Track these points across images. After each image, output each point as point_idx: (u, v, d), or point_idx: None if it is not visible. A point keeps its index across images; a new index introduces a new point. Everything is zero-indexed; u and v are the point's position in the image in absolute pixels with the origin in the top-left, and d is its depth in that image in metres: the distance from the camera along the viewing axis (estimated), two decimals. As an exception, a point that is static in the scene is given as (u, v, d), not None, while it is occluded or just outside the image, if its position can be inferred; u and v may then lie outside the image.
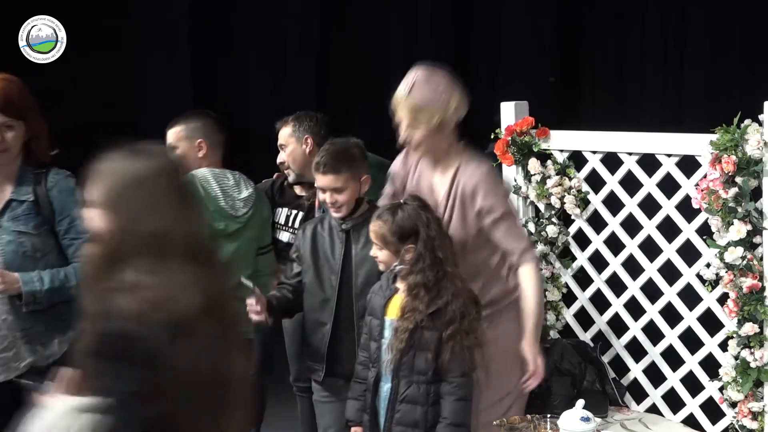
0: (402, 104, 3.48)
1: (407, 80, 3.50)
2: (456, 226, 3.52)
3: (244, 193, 4.08)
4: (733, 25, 7.12)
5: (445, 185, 3.56)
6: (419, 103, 3.45)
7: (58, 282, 3.51)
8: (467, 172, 3.52)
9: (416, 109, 3.45)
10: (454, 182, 3.53)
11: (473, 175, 3.50)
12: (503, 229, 3.50)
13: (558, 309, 4.48)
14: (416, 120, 3.46)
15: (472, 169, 3.52)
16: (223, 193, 4.02)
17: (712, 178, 3.70)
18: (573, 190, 4.35)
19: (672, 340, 4.10)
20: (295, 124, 4.46)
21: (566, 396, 4.02)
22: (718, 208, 3.68)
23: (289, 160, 4.39)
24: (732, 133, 3.65)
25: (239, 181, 4.12)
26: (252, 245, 4.11)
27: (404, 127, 3.51)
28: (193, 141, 4.13)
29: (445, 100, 3.47)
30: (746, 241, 3.66)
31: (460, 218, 3.52)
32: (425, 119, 3.45)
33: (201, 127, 4.17)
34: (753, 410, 3.70)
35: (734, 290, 3.70)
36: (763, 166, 3.64)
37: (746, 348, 3.70)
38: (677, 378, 4.10)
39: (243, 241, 4.05)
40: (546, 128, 4.38)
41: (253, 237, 4.11)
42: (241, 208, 4.04)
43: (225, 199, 4.01)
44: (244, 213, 4.04)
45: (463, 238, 3.52)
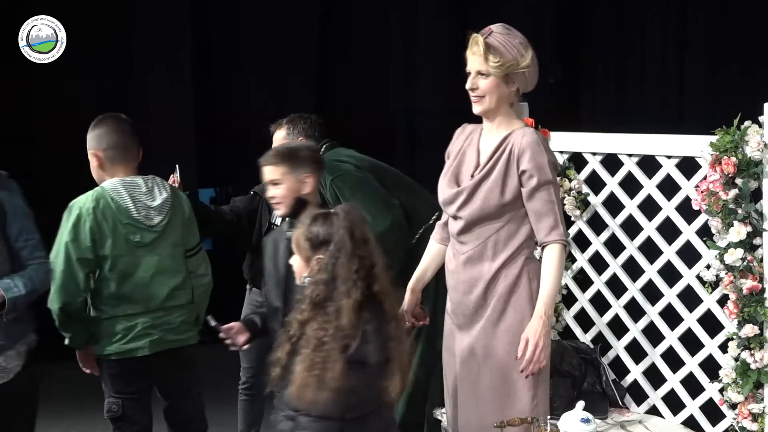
0: (477, 44, 3.42)
1: (485, 29, 3.46)
2: (489, 188, 3.43)
3: (158, 200, 3.96)
4: (733, 26, 7.13)
5: (492, 146, 3.48)
6: (494, 44, 3.40)
7: (30, 286, 3.53)
8: (519, 136, 3.44)
9: (490, 49, 3.40)
10: (504, 144, 3.45)
11: (525, 138, 3.42)
12: (541, 199, 3.41)
13: (558, 310, 4.47)
14: (487, 61, 3.40)
15: (525, 134, 3.45)
16: (135, 203, 3.90)
17: (712, 180, 3.70)
18: (573, 191, 4.36)
19: (672, 342, 4.10)
20: (290, 126, 4.47)
21: (566, 397, 4.02)
22: (718, 209, 3.68)
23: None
24: (732, 135, 3.65)
25: (152, 187, 3.98)
26: (177, 251, 4.00)
27: (474, 72, 3.45)
28: (90, 151, 3.98)
29: (520, 52, 3.42)
30: (746, 242, 3.66)
31: (500, 181, 3.43)
32: (495, 63, 3.39)
33: (95, 137, 3.97)
34: (753, 412, 3.70)
35: (734, 292, 3.69)
36: (763, 167, 3.64)
37: (746, 349, 3.70)
38: (677, 379, 4.10)
39: (165, 250, 3.96)
40: (546, 130, 4.38)
41: (177, 242, 3.99)
42: (155, 217, 3.93)
43: (137, 209, 3.90)
44: (159, 221, 3.93)
45: (493, 203, 3.43)
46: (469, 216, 3.45)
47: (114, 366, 3.91)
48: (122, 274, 3.87)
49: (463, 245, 3.49)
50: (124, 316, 3.88)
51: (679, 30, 7.33)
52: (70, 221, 3.85)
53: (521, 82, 3.46)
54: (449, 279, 3.58)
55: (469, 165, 3.52)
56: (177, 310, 3.97)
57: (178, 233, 4.00)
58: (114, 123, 4.00)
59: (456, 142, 3.62)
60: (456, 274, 3.53)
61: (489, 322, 3.45)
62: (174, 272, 3.97)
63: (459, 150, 3.57)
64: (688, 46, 7.29)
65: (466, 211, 3.45)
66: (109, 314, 3.89)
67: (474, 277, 3.46)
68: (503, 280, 3.43)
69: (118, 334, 3.89)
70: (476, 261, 3.46)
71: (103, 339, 3.91)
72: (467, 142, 3.57)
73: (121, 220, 3.86)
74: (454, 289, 3.55)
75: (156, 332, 3.91)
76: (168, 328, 3.93)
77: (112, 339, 3.89)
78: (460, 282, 3.51)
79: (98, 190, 3.92)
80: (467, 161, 3.53)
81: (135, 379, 3.93)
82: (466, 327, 3.50)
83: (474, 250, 3.46)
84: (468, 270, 3.48)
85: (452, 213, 3.51)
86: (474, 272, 3.46)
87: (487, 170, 3.44)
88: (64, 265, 3.82)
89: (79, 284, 3.83)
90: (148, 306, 3.91)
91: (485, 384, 3.45)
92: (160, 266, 3.93)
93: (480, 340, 3.46)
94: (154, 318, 3.91)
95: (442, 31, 7.44)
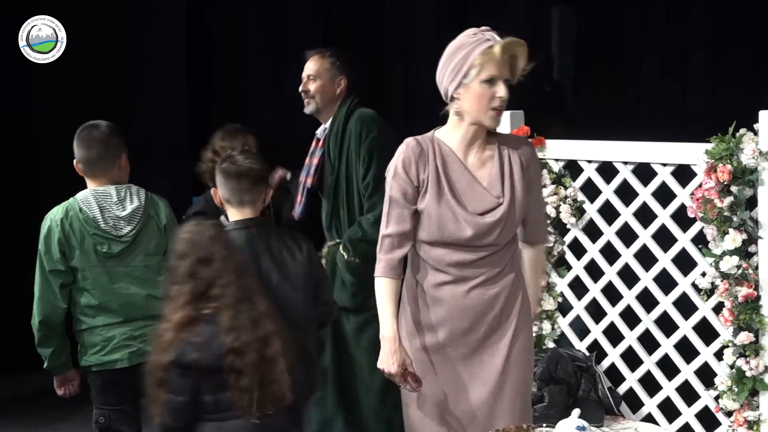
0: (518, 47, 3.21)
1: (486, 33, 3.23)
2: (520, 207, 3.29)
3: (128, 209, 3.92)
4: (730, 34, 7.14)
5: (489, 164, 3.29)
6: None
7: None
8: (516, 144, 3.32)
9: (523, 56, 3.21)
10: (506, 156, 3.29)
11: (526, 146, 3.33)
12: (540, 205, 3.42)
13: (553, 318, 4.47)
14: (517, 72, 3.23)
15: (523, 142, 3.35)
16: (103, 213, 3.88)
17: (708, 188, 3.70)
18: (568, 199, 4.36)
19: (667, 350, 4.10)
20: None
21: (562, 405, 4.02)
22: (713, 217, 3.69)
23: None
24: (727, 143, 3.66)
25: (125, 197, 3.94)
26: (152, 260, 3.94)
27: (503, 86, 3.21)
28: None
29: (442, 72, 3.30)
30: (741, 250, 3.67)
31: (522, 193, 3.29)
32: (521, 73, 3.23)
33: (74, 148, 3.97)
34: (748, 419, 3.70)
35: (729, 299, 3.70)
36: (759, 175, 3.64)
37: (742, 357, 3.70)
38: (673, 387, 4.10)
39: (137, 259, 3.92)
40: (542, 137, 4.39)
41: (151, 251, 3.94)
42: (124, 227, 3.90)
43: (104, 219, 3.88)
44: (128, 231, 3.90)
45: (520, 221, 3.34)
46: (504, 241, 3.29)
47: (97, 378, 3.92)
48: (95, 284, 3.88)
49: (479, 270, 3.28)
50: (103, 326, 3.89)
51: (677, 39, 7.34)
52: (42, 233, 3.89)
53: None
54: (448, 310, 3.31)
55: (474, 190, 3.27)
56: (157, 321, 3.93)
57: (152, 242, 3.96)
58: (84, 135, 3.98)
59: (419, 161, 3.28)
60: (461, 301, 3.29)
61: (505, 345, 3.31)
62: (149, 282, 3.91)
63: (436, 169, 3.27)
64: (684, 55, 7.30)
65: (505, 237, 3.28)
66: (88, 324, 3.90)
67: (489, 299, 3.29)
68: (516, 296, 3.34)
69: (97, 345, 3.89)
70: (491, 282, 3.29)
71: (85, 350, 3.92)
72: (440, 161, 3.28)
73: (89, 231, 3.87)
74: (459, 318, 3.30)
75: (135, 343, 3.88)
76: (148, 340, 3.75)
77: (92, 350, 3.90)
78: (468, 308, 3.28)
79: (70, 201, 3.94)
80: (464, 184, 3.27)
81: (118, 390, 3.91)
82: (475, 354, 3.33)
83: (490, 271, 3.28)
84: (479, 293, 3.28)
85: (485, 243, 3.25)
86: (488, 293, 3.28)
87: (510, 189, 3.28)
88: (41, 277, 3.87)
89: (57, 295, 3.85)
90: (125, 316, 3.89)
91: (504, 408, 3.32)
92: (133, 276, 3.91)
93: (497, 365, 3.32)
94: (134, 329, 3.90)
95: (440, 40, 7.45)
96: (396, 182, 3.30)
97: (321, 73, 4.66)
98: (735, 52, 7.08)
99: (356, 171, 4.56)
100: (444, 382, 3.35)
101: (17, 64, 4.97)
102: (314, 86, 4.66)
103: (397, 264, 3.33)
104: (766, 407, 3.69)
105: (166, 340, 3.24)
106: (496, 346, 3.32)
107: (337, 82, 4.66)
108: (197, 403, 3.25)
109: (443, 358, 3.34)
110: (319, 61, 4.68)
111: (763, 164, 3.63)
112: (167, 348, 3.22)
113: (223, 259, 3.26)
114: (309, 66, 4.69)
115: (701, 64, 7.26)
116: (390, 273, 3.33)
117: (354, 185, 4.59)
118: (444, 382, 3.35)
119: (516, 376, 3.35)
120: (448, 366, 3.34)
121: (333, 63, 4.67)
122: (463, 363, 3.34)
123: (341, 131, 4.61)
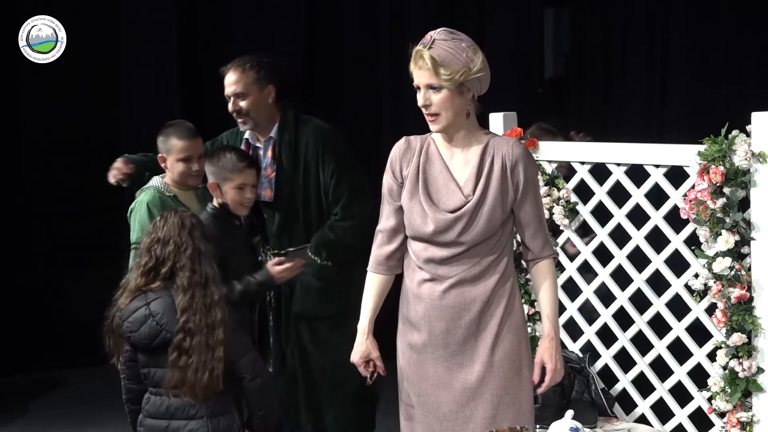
0: (422, 57, 3.15)
1: (426, 37, 3.18)
2: (492, 208, 3.25)
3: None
4: (720, 35, 7.16)
5: (474, 161, 3.27)
6: (441, 55, 3.14)
7: None
8: (504, 145, 3.27)
9: (438, 63, 3.12)
10: (489, 157, 3.26)
11: (515, 148, 3.26)
12: (533, 212, 3.30)
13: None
14: (438, 75, 3.14)
15: (512, 143, 3.28)
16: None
17: (700, 189, 3.71)
18: (561, 200, 4.36)
19: (660, 351, 4.10)
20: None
21: (555, 406, 4.02)
22: (706, 218, 3.69)
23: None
24: (720, 144, 3.66)
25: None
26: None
27: (424, 88, 3.20)
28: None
29: (469, 56, 3.17)
30: (734, 251, 3.67)
31: (499, 198, 3.25)
32: (447, 76, 3.14)
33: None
34: (741, 420, 3.71)
35: (722, 300, 3.70)
36: (751, 176, 3.65)
37: (734, 358, 3.70)
38: (666, 388, 4.11)
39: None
40: (534, 139, 4.39)
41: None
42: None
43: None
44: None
45: (496, 223, 3.27)
46: (473, 240, 3.26)
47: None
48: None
49: (452, 269, 3.28)
50: None
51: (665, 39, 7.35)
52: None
53: (475, 88, 3.25)
54: (425, 309, 3.33)
55: (447, 187, 3.29)
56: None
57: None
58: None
59: (403, 159, 3.34)
60: (438, 301, 3.30)
61: (485, 349, 3.30)
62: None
63: (417, 166, 3.32)
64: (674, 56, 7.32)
65: (469, 236, 3.26)
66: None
67: (465, 301, 3.29)
68: (498, 301, 3.31)
69: None
70: (469, 283, 3.28)
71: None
72: (423, 159, 3.32)
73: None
74: (436, 318, 3.31)
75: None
76: None
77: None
78: (444, 308, 3.30)
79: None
80: (441, 183, 3.30)
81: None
82: (455, 357, 3.32)
83: (466, 272, 3.29)
84: (456, 294, 3.29)
85: (449, 240, 3.26)
86: (466, 295, 3.29)
87: (483, 188, 3.25)
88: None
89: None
90: None
91: (480, 415, 3.31)
92: None
93: (476, 370, 3.30)
94: None
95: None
96: (385, 179, 3.39)
97: (248, 87, 4.45)
98: (727, 53, 7.10)
99: (317, 181, 4.53)
100: (427, 383, 3.36)
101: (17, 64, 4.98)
102: (246, 103, 4.45)
103: (384, 259, 3.41)
104: (759, 408, 3.70)
105: (116, 303, 3.66)
106: (476, 351, 3.32)
107: (267, 92, 4.48)
108: (135, 369, 3.68)
109: (426, 357, 3.36)
110: (242, 75, 4.44)
111: (755, 166, 3.64)
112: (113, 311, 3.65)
113: (180, 244, 3.61)
114: (231, 81, 4.45)
115: (692, 65, 7.28)
116: (376, 268, 3.43)
117: (312, 195, 4.56)
118: (428, 381, 3.36)
119: (498, 384, 3.32)
120: (432, 366, 3.35)
121: (258, 73, 4.45)
122: (444, 364, 3.34)
123: (294, 141, 4.53)
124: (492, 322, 3.31)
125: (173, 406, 3.61)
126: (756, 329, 3.67)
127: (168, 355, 3.56)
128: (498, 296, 3.31)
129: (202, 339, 3.54)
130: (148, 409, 3.67)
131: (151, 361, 3.63)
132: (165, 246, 3.61)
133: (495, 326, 3.31)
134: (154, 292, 3.62)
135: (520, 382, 3.38)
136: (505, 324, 3.32)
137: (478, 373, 3.31)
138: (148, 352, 3.62)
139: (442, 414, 3.36)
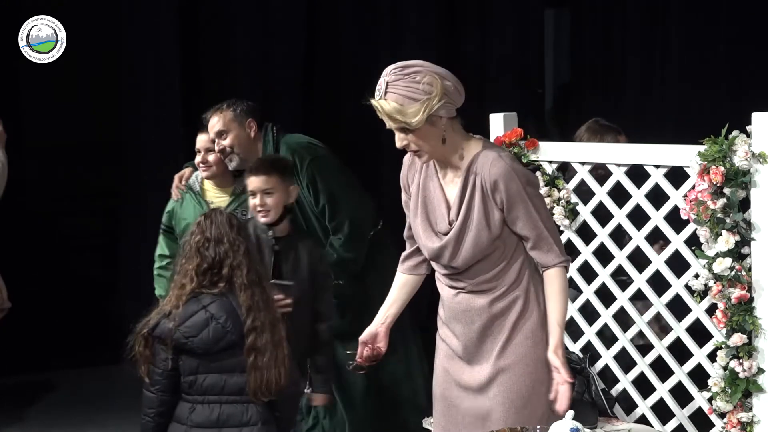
0: (382, 109, 3.13)
1: (379, 84, 3.15)
2: (477, 232, 3.22)
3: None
4: (720, 35, 7.16)
5: (457, 184, 3.25)
6: (399, 100, 3.09)
7: None
8: (483, 165, 3.21)
9: (398, 109, 3.09)
10: (470, 178, 3.22)
11: (493, 168, 3.18)
12: (528, 224, 3.23)
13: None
14: (403, 120, 3.11)
15: (490, 162, 3.19)
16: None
17: (701, 189, 3.70)
18: (562, 201, 4.36)
19: (661, 351, 4.10)
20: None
21: (555, 407, 4.01)
22: (706, 218, 3.69)
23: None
24: (720, 144, 3.66)
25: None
26: None
27: (396, 131, 3.18)
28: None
29: (427, 88, 3.09)
30: (734, 251, 3.67)
31: (483, 221, 3.22)
32: (412, 117, 3.09)
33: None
34: (742, 421, 3.71)
35: (723, 301, 3.70)
36: (751, 177, 3.65)
37: (735, 359, 3.70)
38: (666, 389, 4.10)
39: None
40: (535, 139, 4.39)
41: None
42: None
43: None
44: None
45: (484, 243, 3.23)
46: (463, 263, 3.28)
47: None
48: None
49: (457, 282, 3.34)
50: None
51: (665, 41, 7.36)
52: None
53: (447, 111, 3.18)
54: (445, 310, 3.42)
55: (440, 208, 3.31)
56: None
57: None
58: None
59: (409, 174, 3.40)
60: (453, 304, 3.37)
61: (497, 353, 3.32)
62: None
63: (419, 183, 3.35)
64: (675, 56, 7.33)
65: (458, 261, 3.28)
66: None
67: (475, 307, 3.32)
68: (511, 305, 3.31)
69: None
70: (475, 294, 3.32)
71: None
72: (424, 175, 3.34)
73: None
74: (454, 319, 3.38)
75: None
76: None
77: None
78: (458, 312, 3.36)
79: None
80: (435, 203, 3.32)
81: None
82: (472, 357, 3.37)
83: (472, 286, 3.32)
84: (466, 302, 3.33)
85: (444, 263, 3.31)
86: (474, 303, 3.32)
87: (465, 214, 3.24)
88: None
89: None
90: None
91: (496, 417, 3.32)
92: None
93: (490, 373, 3.33)
94: None
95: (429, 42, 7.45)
96: (402, 191, 3.47)
97: (229, 124, 4.51)
98: (727, 53, 7.11)
99: (304, 199, 4.57)
100: (449, 377, 3.44)
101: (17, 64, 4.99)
102: (229, 140, 4.50)
103: (404, 260, 3.54)
104: (759, 409, 3.70)
105: (163, 309, 3.48)
106: (490, 353, 3.34)
107: (248, 125, 4.53)
108: (174, 378, 3.48)
109: (450, 353, 3.44)
110: (220, 115, 4.52)
111: (755, 166, 3.64)
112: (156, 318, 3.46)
113: (233, 242, 3.49)
114: (213, 124, 4.53)
115: (693, 65, 7.29)
116: (399, 266, 3.57)
117: (307, 211, 4.61)
118: (449, 376, 3.44)
119: (508, 387, 3.33)
120: (453, 361, 3.43)
121: (235, 110, 4.52)
122: (460, 362, 3.41)
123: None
124: (505, 325, 3.32)
125: (225, 413, 3.45)
126: (756, 330, 3.67)
127: (227, 360, 3.44)
128: (511, 301, 3.32)
129: (269, 336, 3.45)
130: (193, 419, 3.47)
131: (201, 368, 3.46)
132: (218, 245, 3.47)
133: (508, 330, 3.33)
134: (206, 294, 3.47)
135: (532, 386, 3.37)
136: (521, 328, 3.33)
137: (489, 374, 3.34)
138: (207, 358, 3.44)
139: (457, 410, 3.42)
